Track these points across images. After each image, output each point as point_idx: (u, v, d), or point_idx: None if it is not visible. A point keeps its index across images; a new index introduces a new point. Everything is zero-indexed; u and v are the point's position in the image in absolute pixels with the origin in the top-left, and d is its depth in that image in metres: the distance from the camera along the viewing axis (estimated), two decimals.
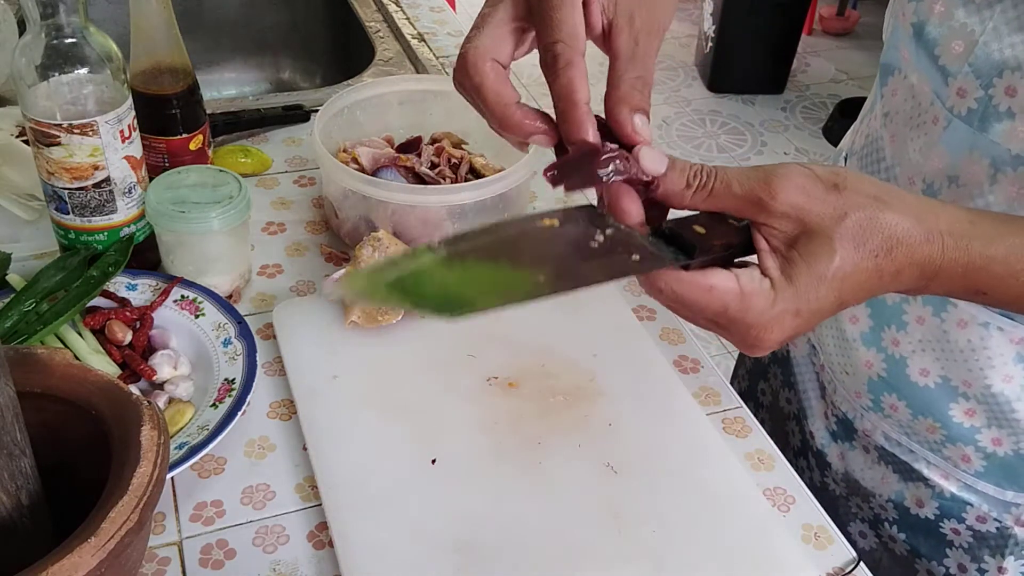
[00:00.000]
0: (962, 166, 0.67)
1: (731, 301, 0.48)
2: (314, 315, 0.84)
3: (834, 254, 0.48)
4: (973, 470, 0.76)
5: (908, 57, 0.71)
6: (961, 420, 0.75)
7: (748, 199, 0.49)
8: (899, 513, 0.82)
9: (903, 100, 0.73)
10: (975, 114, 0.64)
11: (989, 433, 0.74)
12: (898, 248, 0.49)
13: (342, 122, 0.99)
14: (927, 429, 0.77)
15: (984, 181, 0.65)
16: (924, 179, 0.70)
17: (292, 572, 0.65)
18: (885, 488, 0.83)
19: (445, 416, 0.76)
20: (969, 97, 0.65)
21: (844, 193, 0.48)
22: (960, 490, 0.78)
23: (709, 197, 0.49)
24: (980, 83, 0.63)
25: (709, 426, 0.77)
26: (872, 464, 0.83)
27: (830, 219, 0.48)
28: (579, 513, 0.69)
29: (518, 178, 0.90)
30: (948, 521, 0.79)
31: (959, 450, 0.76)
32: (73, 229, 0.82)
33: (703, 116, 3.21)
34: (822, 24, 3.78)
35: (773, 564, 0.67)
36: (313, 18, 1.48)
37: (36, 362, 0.56)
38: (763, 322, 0.49)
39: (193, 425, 0.72)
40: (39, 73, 0.75)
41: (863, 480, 0.85)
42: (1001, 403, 0.72)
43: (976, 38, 0.63)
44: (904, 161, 0.73)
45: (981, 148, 0.65)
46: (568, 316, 0.87)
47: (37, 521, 0.53)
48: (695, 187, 0.49)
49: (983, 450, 0.75)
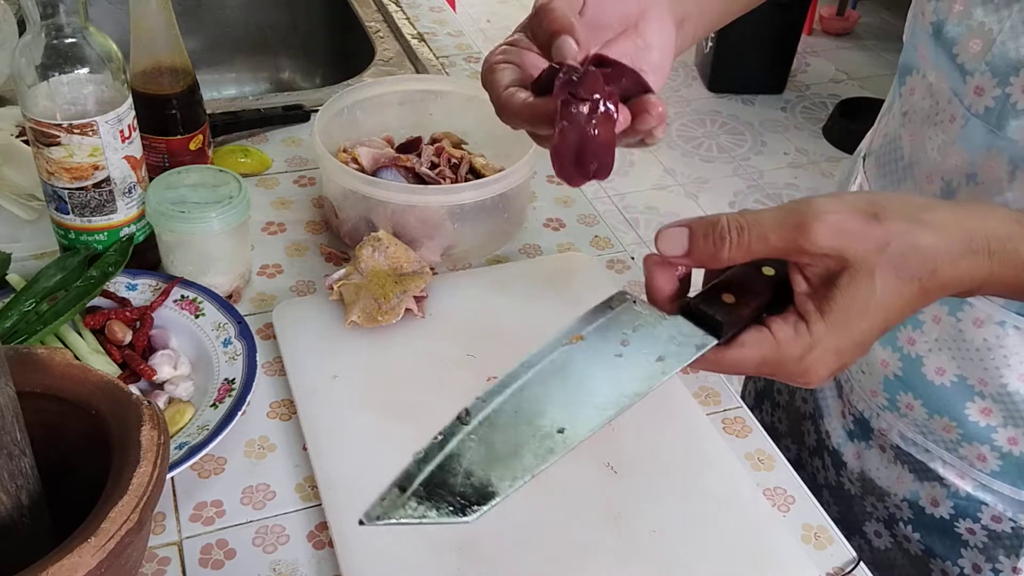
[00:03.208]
0: (980, 164, 0.67)
1: (767, 352, 0.49)
2: (314, 315, 0.84)
3: (875, 288, 0.48)
4: (989, 469, 0.76)
5: (927, 56, 0.71)
6: (977, 419, 0.74)
7: (786, 248, 0.48)
8: (914, 512, 0.82)
9: (921, 99, 0.73)
10: (992, 112, 0.64)
11: (1005, 432, 0.74)
12: (941, 267, 0.49)
13: (342, 122, 0.99)
14: (943, 428, 0.77)
15: (1003, 178, 0.66)
16: (943, 177, 0.70)
17: (292, 572, 0.65)
18: (900, 488, 0.83)
19: (445, 416, 0.76)
20: (987, 95, 0.65)
21: (884, 223, 0.48)
22: (975, 490, 0.77)
23: (748, 253, 0.49)
24: (997, 81, 0.64)
25: (709, 426, 0.77)
26: (888, 463, 0.83)
27: (872, 252, 0.48)
28: (579, 513, 0.69)
29: (518, 178, 0.90)
30: (963, 521, 0.79)
31: (975, 449, 0.76)
32: (73, 229, 0.82)
33: (703, 116, 3.21)
34: (822, 24, 3.78)
35: (773, 564, 0.67)
36: (313, 18, 1.48)
37: (36, 362, 0.56)
38: (803, 367, 0.49)
39: (193, 425, 0.72)
40: (39, 73, 0.75)
41: (878, 479, 0.84)
42: (1017, 402, 0.72)
43: (994, 37, 0.64)
44: (923, 159, 0.73)
45: (999, 146, 0.65)
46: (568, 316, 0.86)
47: (37, 521, 0.53)
48: (728, 247, 0.48)
49: (999, 449, 0.75)
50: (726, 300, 0.48)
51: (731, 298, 0.48)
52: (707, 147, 3.05)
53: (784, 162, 3.00)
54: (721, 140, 3.09)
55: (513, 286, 0.89)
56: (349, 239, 0.94)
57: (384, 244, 0.86)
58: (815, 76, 3.48)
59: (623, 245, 0.99)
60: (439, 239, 0.91)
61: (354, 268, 0.86)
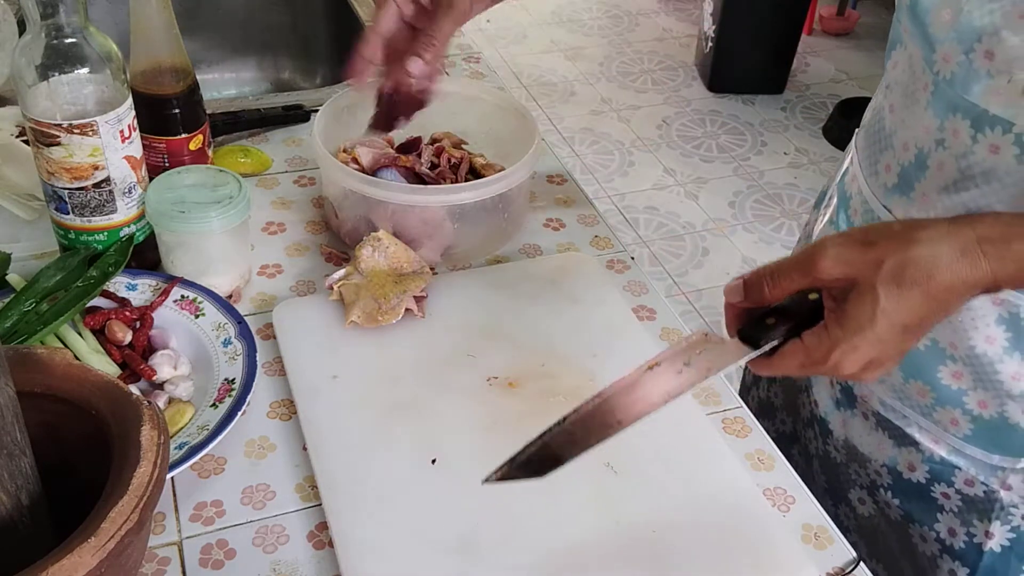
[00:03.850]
0: (947, 128, 0.70)
1: (801, 357, 0.61)
2: (314, 315, 0.84)
3: (878, 298, 0.58)
4: (961, 434, 0.79)
5: (907, 28, 0.75)
6: (949, 383, 0.77)
7: (808, 281, 0.61)
8: (893, 478, 0.86)
9: (902, 72, 0.76)
10: (957, 77, 0.68)
11: (975, 396, 0.76)
12: (937, 271, 0.57)
13: (342, 122, 0.99)
14: (918, 393, 0.80)
15: (967, 142, 0.69)
16: (916, 144, 0.74)
17: (292, 572, 0.65)
18: (881, 454, 0.86)
19: (445, 416, 0.76)
20: (952, 62, 0.69)
21: (877, 246, 0.59)
22: (949, 454, 0.80)
23: (783, 290, 0.61)
24: (962, 48, 0.67)
25: (709, 426, 0.77)
26: (870, 430, 0.86)
27: (871, 270, 0.58)
28: (579, 513, 0.69)
29: (518, 178, 0.90)
30: (938, 485, 0.82)
31: (948, 413, 0.78)
32: (73, 229, 0.82)
33: (703, 116, 3.21)
34: (822, 24, 3.78)
35: (773, 564, 0.67)
36: (313, 18, 1.48)
37: (36, 362, 0.56)
38: (832, 364, 0.60)
39: (193, 425, 0.72)
40: (39, 73, 0.75)
41: (861, 446, 0.88)
42: (984, 364, 0.74)
43: (962, 6, 0.67)
44: (901, 129, 0.76)
45: (963, 109, 0.69)
46: (568, 316, 0.87)
47: (37, 521, 0.53)
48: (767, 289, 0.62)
49: (970, 413, 0.77)
50: (768, 323, 0.62)
51: (772, 320, 0.62)
52: (707, 147, 3.05)
53: (784, 162, 3.00)
54: (721, 140, 3.09)
55: (513, 286, 0.89)
56: (349, 239, 0.94)
57: (384, 244, 0.86)
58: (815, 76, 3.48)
59: (623, 245, 0.99)
60: (439, 239, 0.91)
61: (354, 268, 0.86)
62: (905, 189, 0.75)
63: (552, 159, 1.11)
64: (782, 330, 0.62)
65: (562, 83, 3.31)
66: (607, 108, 3.20)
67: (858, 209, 0.83)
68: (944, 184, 0.71)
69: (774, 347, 0.62)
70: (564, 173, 1.09)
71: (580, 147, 2.99)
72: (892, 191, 0.77)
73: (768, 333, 0.62)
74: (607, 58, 3.50)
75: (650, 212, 2.74)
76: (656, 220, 2.71)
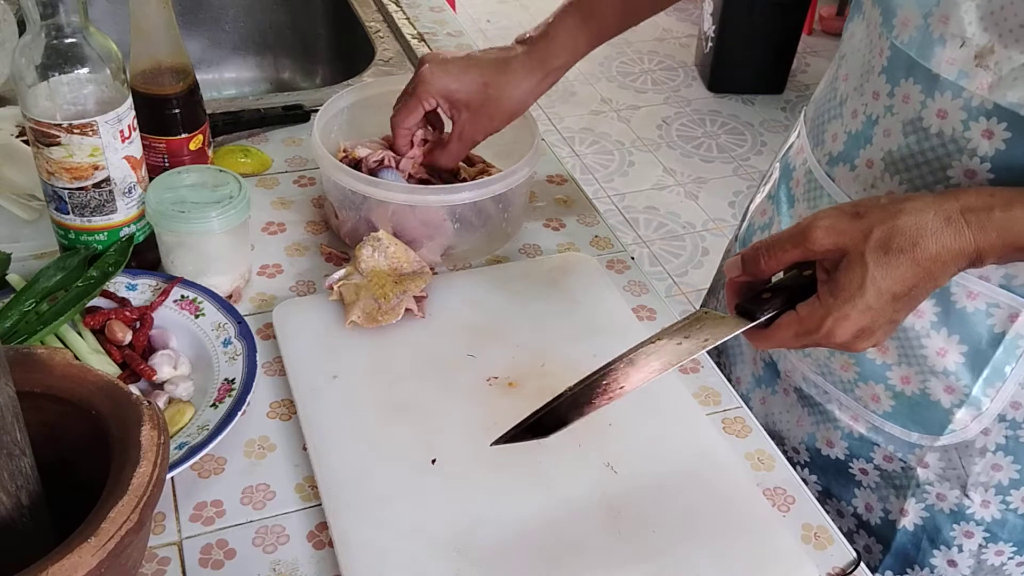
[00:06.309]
0: (898, 94, 0.72)
1: (795, 326, 0.63)
2: (314, 315, 0.84)
3: (867, 266, 0.60)
4: (881, 411, 0.80)
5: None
6: (874, 356, 0.79)
7: (802, 253, 0.63)
8: (811, 455, 0.88)
9: (859, 41, 0.77)
10: (915, 41, 0.70)
11: (899, 371, 0.78)
12: (922, 239, 0.60)
13: (342, 122, 0.99)
14: (841, 367, 0.81)
15: (916, 107, 0.70)
16: (865, 111, 0.75)
17: (292, 572, 0.65)
18: (799, 431, 0.88)
19: (445, 416, 0.76)
20: (911, 26, 0.70)
21: (866, 216, 0.61)
22: (868, 431, 0.82)
23: (778, 263, 0.64)
24: (921, 12, 0.69)
25: (709, 426, 0.77)
26: (790, 407, 0.88)
27: (860, 240, 0.60)
28: (579, 513, 0.69)
29: (518, 178, 0.90)
30: (857, 461, 0.84)
31: (870, 389, 0.80)
32: (73, 229, 0.82)
33: (703, 116, 3.21)
34: (822, 24, 3.78)
35: (773, 564, 0.67)
36: (313, 18, 1.48)
37: (36, 362, 0.56)
38: (825, 331, 0.62)
39: (193, 425, 0.72)
40: (39, 73, 0.75)
41: (778, 423, 0.90)
42: (911, 338, 0.76)
43: None
44: (851, 96, 0.78)
45: (916, 74, 0.70)
46: (568, 316, 0.87)
47: (37, 521, 0.53)
48: (763, 262, 0.64)
49: (892, 388, 0.79)
50: (764, 297, 0.65)
51: (768, 295, 0.65)
52: (707, 147, 3.05)
53: None
54: (721, 140, 3.09)
55: (513, 286, 0.89)
56: (349, 239, 0.94)
57: (384, 244, 0.86)
58: (815, 76, 3.48)
59: (623, 245, 0.99)
60: (439, 239, 0.91)
61: (354, 268, 0.86)
62: (850, 156, 0.77)
63: (552, 159, 1.11)
64: (777, 303, 0.65)
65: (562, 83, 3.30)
66: (607, 108, 3.21)
67: (800, 180, 0.84)
68: (889, 150, 0.73)
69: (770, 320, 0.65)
70: (564, 173, 1.09)
71: (580, 147, 2.99)
72: (837, 159, 0.78)
73: (764, 306, 0.65)
74: (607, 58, 3.50)
75: (650, 212, 2.74)
76: (656, 220, 2.71)
